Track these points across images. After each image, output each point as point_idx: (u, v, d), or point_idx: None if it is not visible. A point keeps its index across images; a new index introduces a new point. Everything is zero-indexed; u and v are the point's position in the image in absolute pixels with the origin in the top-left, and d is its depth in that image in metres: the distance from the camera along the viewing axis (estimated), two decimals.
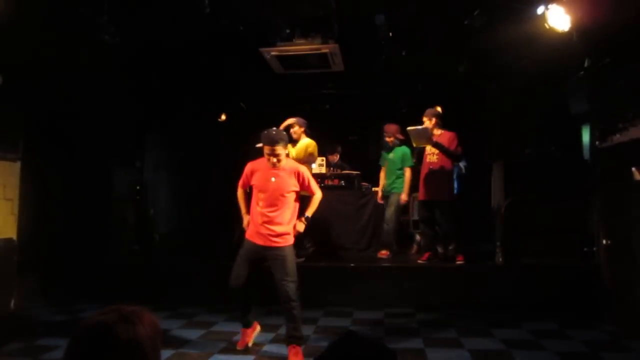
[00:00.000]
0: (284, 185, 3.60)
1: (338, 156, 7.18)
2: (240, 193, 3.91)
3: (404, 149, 5.88)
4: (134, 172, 6.86)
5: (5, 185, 4.73)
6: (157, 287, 5.10)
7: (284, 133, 3.71)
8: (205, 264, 5.48)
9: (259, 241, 3.61)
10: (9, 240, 4.72)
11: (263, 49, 5.41)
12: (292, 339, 3.47)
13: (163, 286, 5.14)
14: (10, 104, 4.78)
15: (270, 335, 4.00)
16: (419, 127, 5.17)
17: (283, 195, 3.60)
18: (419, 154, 5.42)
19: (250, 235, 3.69)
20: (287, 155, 3.71)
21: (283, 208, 3.61)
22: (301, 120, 5.60)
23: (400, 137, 5.83)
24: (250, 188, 3.79)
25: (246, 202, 3.89)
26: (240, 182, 3.88)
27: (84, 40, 4.84)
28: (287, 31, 5.31)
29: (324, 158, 6.58)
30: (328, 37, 5.23)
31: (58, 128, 5.52)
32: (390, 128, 5.89)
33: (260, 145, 3.63)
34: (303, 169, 3.73)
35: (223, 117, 8.12)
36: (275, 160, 3.52)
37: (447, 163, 5.24)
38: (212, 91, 7.27)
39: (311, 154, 5.46)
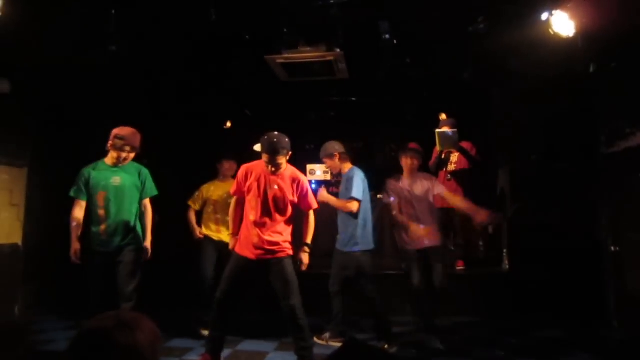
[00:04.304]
0: (285, 194, 3.26)
1: None
2: (235, 205, 3.40)
3: (141, 167, 3.69)
4: None
5: (13, 191, 4.77)
6: (160, 294, 5.09)
7: (287, 140, 3.21)
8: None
9: (253, 255, 3.23)
10: (15, 246, 4.75)
11: (268, 57, 5.43)
12: (303, 352, 3.19)
13: (166, 292, 5.13)
14: (18, 110, 4.84)
15: (275, 344, 3.97)
16: (450, 130, 4.99)
17: (285, 205, 3.27)
18: (440, 161, 5.29)
19: (241, 249, 3.29)
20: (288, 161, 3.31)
21: (282, 219, 3.28)
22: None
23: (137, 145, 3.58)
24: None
25: (239, 217, 3.38)
26: (235, 189, 3.38)
27: (92, 48, 4.89)
28: (292, 39, 5.33)
29: None
30: (333, 45, 5.24)
31: (65, 135, 5.56)
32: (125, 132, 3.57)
33: (258, 148, 3.24)
34: (303, 178, 3.39)
35: (228, 124, 8.14)
36: (274, 168, 3.22)
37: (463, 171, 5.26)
38: (217, 98, 7.30)
39: None
